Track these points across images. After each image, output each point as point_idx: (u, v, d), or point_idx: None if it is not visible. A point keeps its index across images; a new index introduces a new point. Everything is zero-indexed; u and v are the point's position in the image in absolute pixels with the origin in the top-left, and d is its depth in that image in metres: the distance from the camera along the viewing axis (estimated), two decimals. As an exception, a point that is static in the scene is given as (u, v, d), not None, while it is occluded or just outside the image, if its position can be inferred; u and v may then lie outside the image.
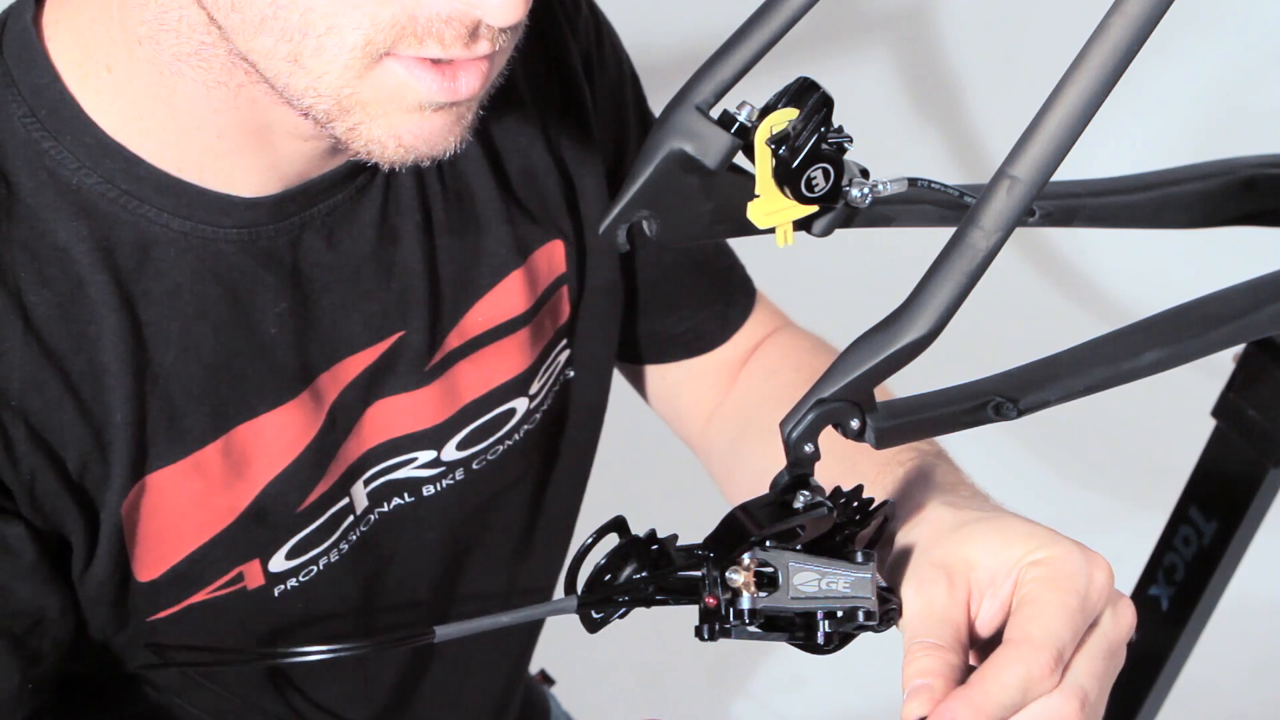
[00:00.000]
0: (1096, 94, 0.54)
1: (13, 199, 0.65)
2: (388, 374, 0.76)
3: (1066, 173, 0.61)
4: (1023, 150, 0.55)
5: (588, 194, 0.83)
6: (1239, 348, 1.10)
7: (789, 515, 0.58)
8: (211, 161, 0.67)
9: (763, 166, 0.66)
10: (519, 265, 0.80)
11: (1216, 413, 1.12)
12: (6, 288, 0.64)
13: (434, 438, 0.78)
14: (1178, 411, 1.53)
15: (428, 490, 0.80)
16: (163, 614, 0.72)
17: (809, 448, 0.59)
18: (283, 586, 0.75)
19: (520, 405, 0.82)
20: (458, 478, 0.81)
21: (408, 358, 0.76)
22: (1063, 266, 2.47)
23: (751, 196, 0.68)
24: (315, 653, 0.67)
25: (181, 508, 0.70)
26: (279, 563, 0.74)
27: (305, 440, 0.73)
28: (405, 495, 0.79)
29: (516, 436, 0.83)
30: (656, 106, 0.78)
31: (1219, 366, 1.04)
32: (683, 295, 0.93)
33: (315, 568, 0.76)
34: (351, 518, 0.77)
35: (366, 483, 0.77)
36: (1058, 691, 0.59)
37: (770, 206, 0.67)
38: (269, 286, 0.71)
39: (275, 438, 0.72)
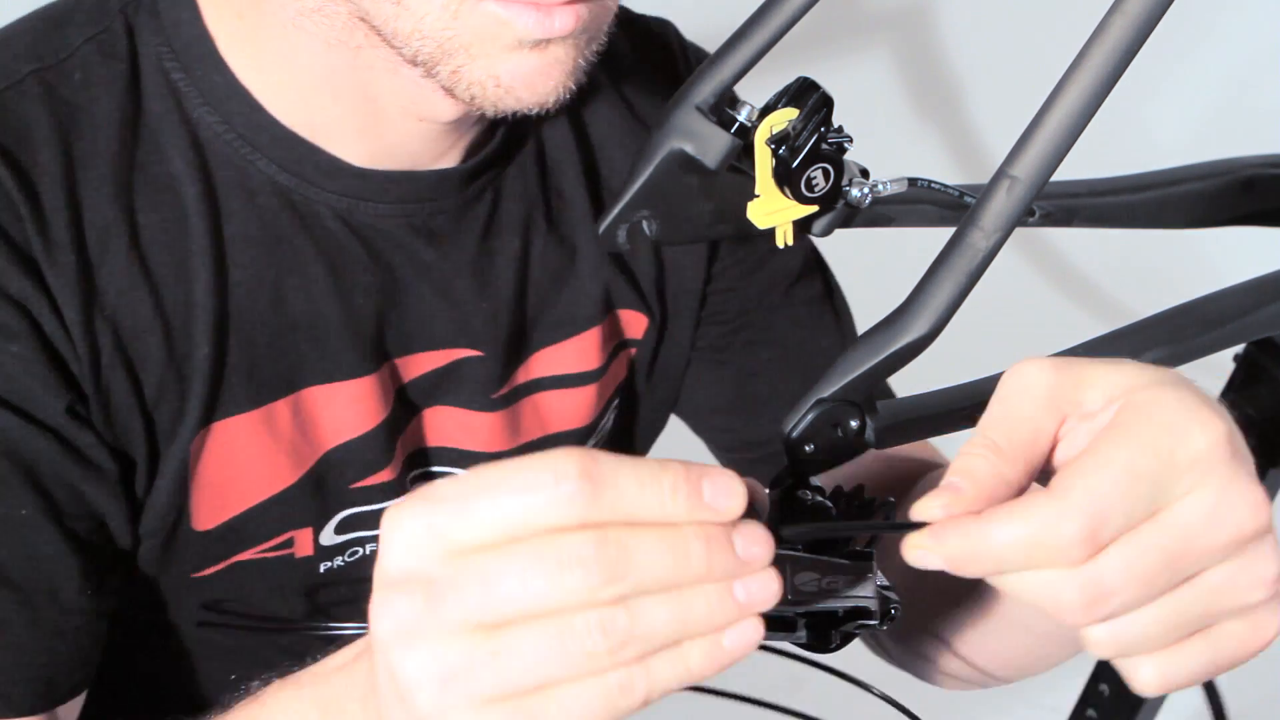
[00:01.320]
0: (1096, 94, 0.54)
1: (140, 121, 0.67)
2: (453, 384, 0.76)
3: (1067, 173, 0.61)
4: (1023, 150, 0.55)
5: (683, 272, 0.83)
6: (1239, 348, 1.10)
7: (790, 516, 0.58)
8: (324, 124, 0.68)
9: (763, 166, 0.66)
10: (599, 322, 0.80)
11: (1216, 413, 1.12)
12: (121, 203, 0.66)
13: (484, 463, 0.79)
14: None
15: None
16: (209, 570, 0.73)
17: (809, 448, 0.59)
18: (329, 564, 0.76)
19: None
20: None
21: (478, 379, 0.77)
22: (1063, 266, 2.47)
23: (751, 196, 0.68)
24: (351, 628, 0.67)
25: (248, 459, 0.71)
26: (329, 536, 0.75)
27: (376, 419, 0.73)
28: None
29: None
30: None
31: (1219, 366, 1.04)
32: (783, 393, 0.86)
33: (361, 550, 0.76)
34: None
35: (413, 481, 0.78)
36: (1074, 572, 0.45)
37: (770, 206, 0.68)
38: (359, 259, 0.71)
39: (345, 407, 0.72)
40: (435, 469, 0.78)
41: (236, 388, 0.69)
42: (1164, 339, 0.68)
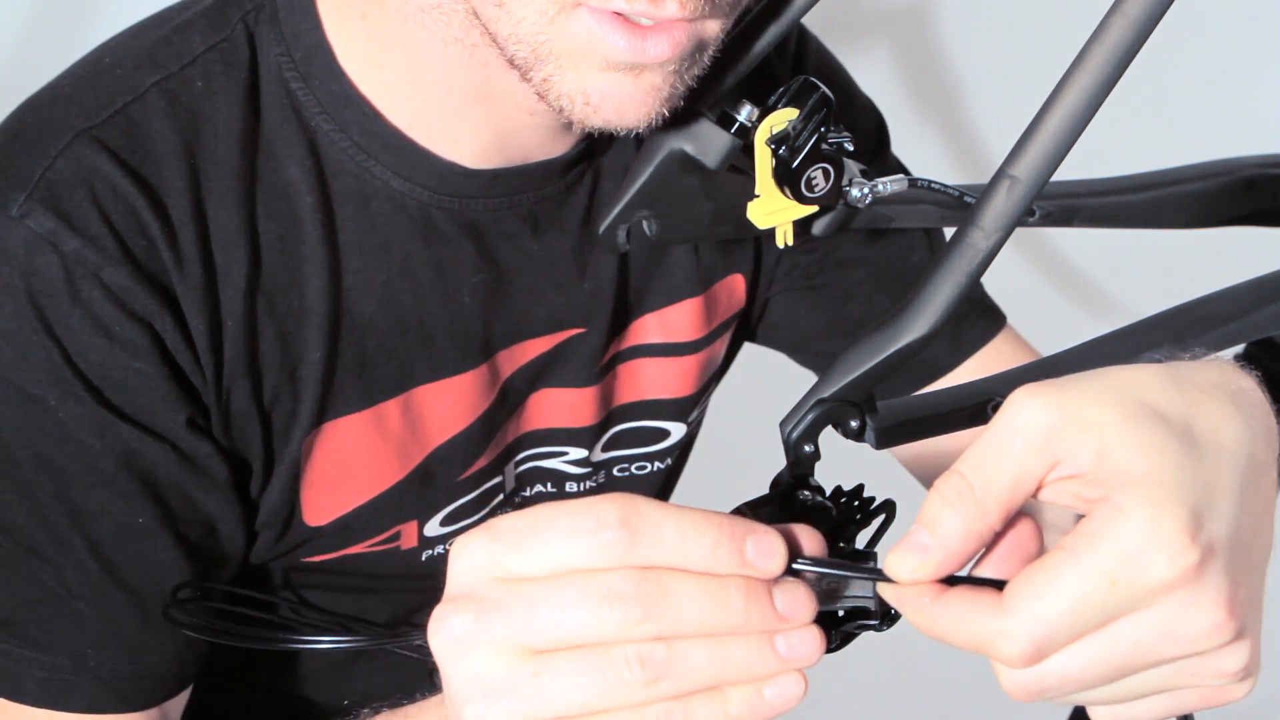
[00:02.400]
0: (1096, 94, 0.54)
1: (259, 130, 0.68)
2: (559, 366, 0.78)
3: (1067, 173, 0.61)
4: (1023, 150, 0.55)
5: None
6: (1239, 348, 1.10)
7: (789, 515, 0.58)
8: (440, 120, 0.69)
9: (763, 166, 0.66)
10: (698, 294, 0.81)
11: (1216, 413, 1.12)
12: (243, 213, 0.67)
13: (587, 437, 0.81)
14: (1178, 411, 1.53)
15: (570, 486, 0.82)
16: (318, 558, 0.75)
17: (809, 448, 0.59)
18: (431, 552, 0.78)
19: (676, 430, 0.84)
20: (600, 481, 0.83)
21: (582, 355, 0.78)
22: (1063, 266, 2.47)
23: (752, 196, 0.68)
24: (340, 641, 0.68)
25: (359, 458, 0.72)
26: (434, 527, 0.77)
27: (478, 411, 0.75)
28: (549, 485, 0.81)
29: (669, 460, 0.85)
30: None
31: (1219, 366, 1.04)
32: (879, 312, 0.86)
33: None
34: (501, 496, 0.80)
35: (517, 464, 0.80)
36: (1021, 673, 0.46)
37: (770, 206, 0.68)
38: (469, 257, 0.73)
39: (452, 404, 0.74)
40: (538, 450, 0.80)
41: (348, 389, 0.71)
42: (1164, 339, 0.68)
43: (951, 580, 0.48)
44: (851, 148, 0.68)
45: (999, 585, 0.47)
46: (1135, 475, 0.45)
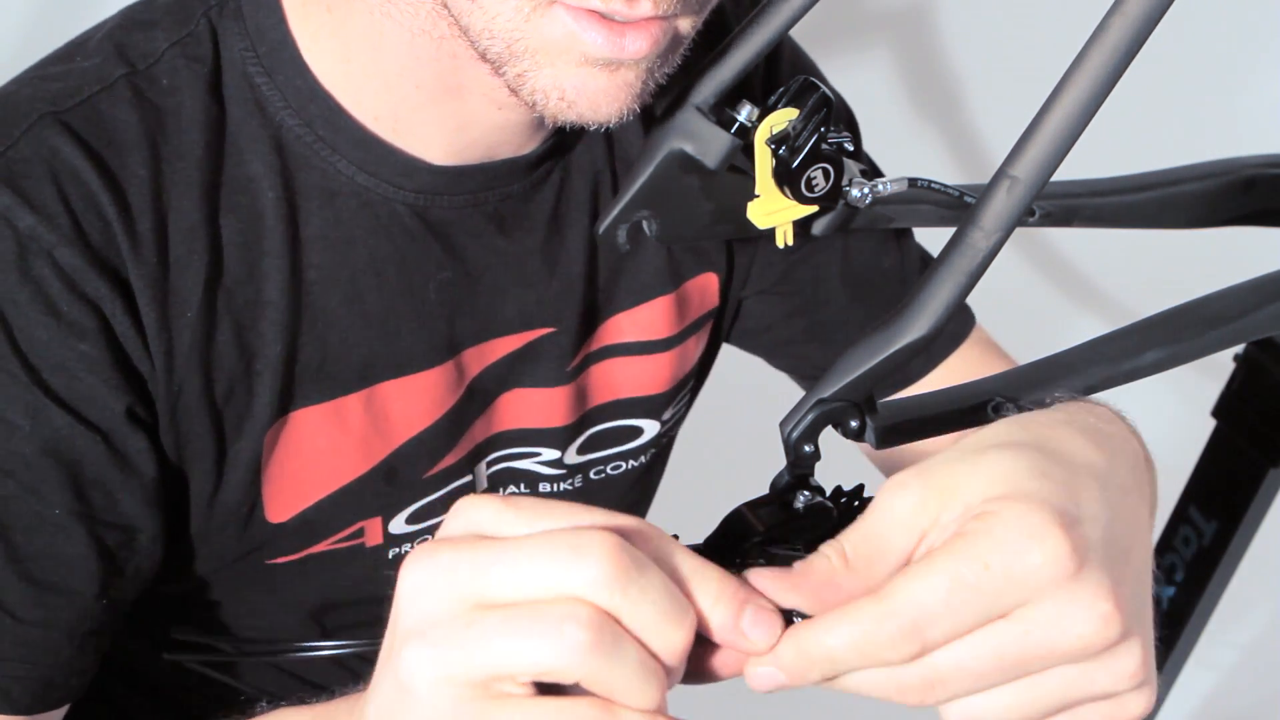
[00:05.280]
0: (1096, 94, 0.54)
1: (224, 125, 0.68)
2: (530, 365, 0.77)
3: (1066, 173, 0.61)
4: (1023, 150, 0.55)
5: None
6: (1239, 348, 1.11)
7: (789, 516, 0.58)
8: (407, 114, 0.69)
9: (763, 166, 0.66)
10: (669, 292, 0.81)
11: (1216, 413, 1.13)
12: (205, 208, 0.67)
13: (561, 438, 0.80)
14: (1178, 411, 1.53)
15: (544, 488, 0.81)
16: (283, 559, 0.74)
17: (809, 447, 0.59)
18: (398, 550, 0.77)
19: (650, 428, 0.83)
20: (575, 484, 0.82)
21: (553, 354, 0.78)
22: (1063, 266, 2.47)
23: (751, 196, 0.68)
24: (326, 647, 0.68)
25: (319, 451, 0.72)
26: (399, 525, 0.76)
27: (444, 408, 0.75)
28: (522, 486, 0.81)
29: (642, 459, 0.84)
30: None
31: (1219, 366, 1.04)
32: (851, 318, 0.88)
33: (430, 538, 0.77)
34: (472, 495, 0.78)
35: (489, 464, 0.79)
36: (912, 668, 0.47)
37: (770, 206, 0.68)
38: (434, 253, 0.72)
39: (417, 400, 0.74)
40: (510, 451, 0.79)
41: (309, 383, 0.71)
42: (1164, 339, 0.68)
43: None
44: (851, 148, 0.68)
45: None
46: (999, 493, 0.47)
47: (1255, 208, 0.90)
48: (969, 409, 0.63)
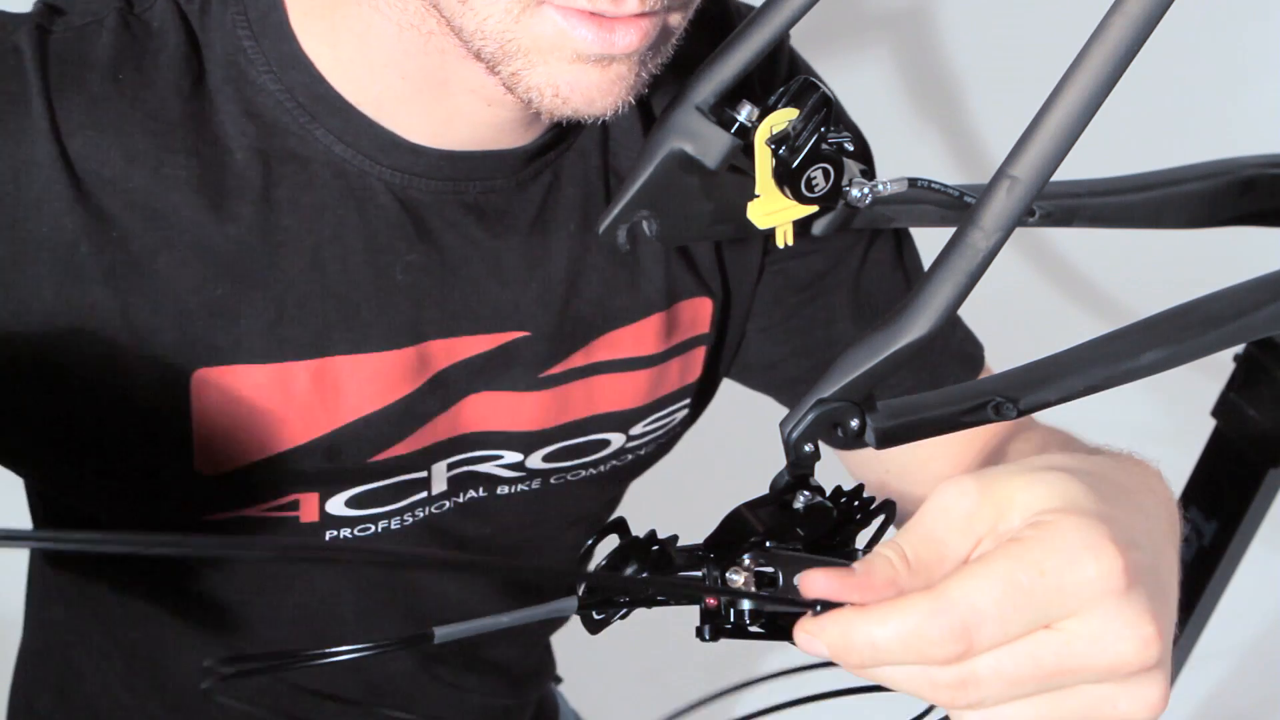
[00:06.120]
0: (1096, 94, 0.54)
1: (202, 78, 0.69)
2: (501, 368, 0.77)
3: (1066, 173, 0.61)
4: (1023, 150, 0.55)
5: (737, 251, 0.83)
6: (1239, 348, 1.11)
7: (789, 515, 0.58)
8: (390, 103, 0.69)
9: (763, 166, 0.66)
10: (663, 309, 0.80)
11: (1216, 413, 1.13)
12: (161, 141, 0.68)
13: (526, 442, 0.79)
14: (1178, 411, 1.53)
15: (502, 490, 0.80)
16: (217, 516, 0.74)
17: (809, 447, 0.59)
18: (334, 534, 0.76)
19: (616, 440, 0.82)
20: (533, 486, 0.82)
21: (524, 359, 0.77)
22: (1063, 266, 2.47)
23: (752, 196, 0.68)
24: (338, 653, 0.68)
25: (259, 411, 0.71)
26: (338, 506, 0.75)
27: (398, 394, 0.74)
28: (480, 489, 0.80)
29: (602, 468, 0.83)
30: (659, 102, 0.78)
31: (1219, 366, 1.04)
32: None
33: (373, 528, 0.77)
34: (424, 494, 0.78)
35: (450, 466, 0.78)
36: (950, 668, 0.48)
37: (770, 206, 0.68)
38: (405, 234, 0.72)
39: (370, 380, 0.73)
40: (473, 454, 0.78)
41: (255, 339, 0.70)
42: (1164, 339, 0.67)
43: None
44: (852, 148, 0.68)
45: None
46: (1057, 507, 0.48)
47: (1255, 208, 0.90)
48: (969, 409, 0.63)
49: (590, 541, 0.62)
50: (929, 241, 0.87)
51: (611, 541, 0.62)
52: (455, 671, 0.90)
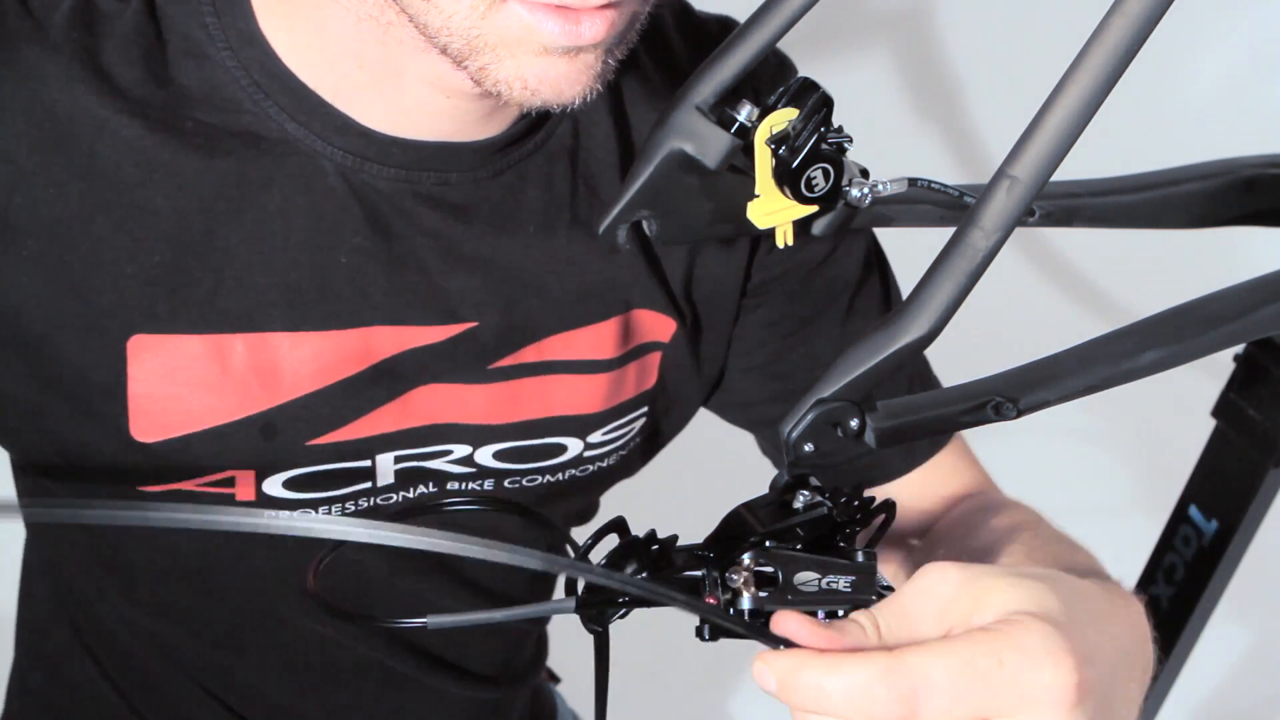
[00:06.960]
0: (1096, 94, 0.54)
1: (160, 48, 0.70)
2: (450, 360, 0.76)
3: (1066, 173, 0.61)
4: (1023, 150, 0.55)
5: (717, 279, 0.82)
6: (1239, 348, 1.10)
7: (789, 515, 0.58)
8: (348, 90, 0.70)
9: (763, 166, 0.66)
10: (621, 313, 0.80)
11: (1216, 413, 1.12)
12: (106, 102, 0.68)
13: (475, 435, 0.78)
14: (1178, 411, 1.53)
15: (452, 486, 0.80)
16: (152, 488, 0.73)
17: (809, 447, 0.59)
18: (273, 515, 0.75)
19: (573, 446, 0.81)
20: (485, 486, 0.81)
21: (473, 350, 0.77)
22: (1063, 266, 2.47)
23: (751, 196, 0.68)
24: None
25: (193, 381, 0.71)
26: (275, 487, 0.75)
27: (337, 376, 0.74)
28: (430, 485, 0.79)
29: (561, 476, 0.82)
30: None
31: (1219, 366, 1.04)
32: None
33: (312, 513, 0.76)
34: (369, 484, 0.77)
35: (399, 459, 0.78)
36: None
37: (770, 206, 0.67)
38: (353, 218, 0.72)
39: (309, 360, 0.73)
40: (422, 450, 0.78)
41: (191, 308, 0.70)
42: (1164, 339, 0.68)
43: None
44: (851, 147, 0.68)
45: None
46: (1032, 610, 0.51)
47: (1255, 208, 0.90)
48: (969, 409, 0.63)
49: (588, 541, 0.62)
50: (929, 241, 0.87)
51: (611, 542, 0.62)
52: (425, 664, 0.88)
